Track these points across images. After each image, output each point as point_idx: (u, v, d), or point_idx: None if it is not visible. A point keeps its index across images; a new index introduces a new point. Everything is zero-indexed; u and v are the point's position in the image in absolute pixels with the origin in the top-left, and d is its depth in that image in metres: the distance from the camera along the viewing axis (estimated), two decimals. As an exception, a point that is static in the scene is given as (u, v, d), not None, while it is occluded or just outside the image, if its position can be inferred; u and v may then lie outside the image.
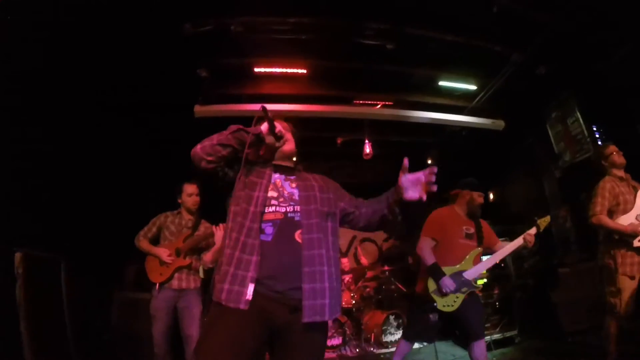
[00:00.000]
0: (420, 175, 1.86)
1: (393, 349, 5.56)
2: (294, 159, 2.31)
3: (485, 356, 3.48)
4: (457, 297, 3.46)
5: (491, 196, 8.07)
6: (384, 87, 5.91)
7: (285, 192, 2.00)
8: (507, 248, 3.64)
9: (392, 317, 5.83)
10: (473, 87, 5.98)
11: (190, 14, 4.28)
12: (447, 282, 3.43)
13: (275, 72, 5.30)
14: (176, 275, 3.89)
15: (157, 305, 3.82)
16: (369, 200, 2.15)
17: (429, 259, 3.57)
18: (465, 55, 5.23)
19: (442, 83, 5.86)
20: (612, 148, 3.93)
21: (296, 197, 1.99)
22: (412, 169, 1.92)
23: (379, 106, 6.03)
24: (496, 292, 5.93)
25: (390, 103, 6.06)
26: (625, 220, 3.61)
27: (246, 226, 1.83)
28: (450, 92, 6.10)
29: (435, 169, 1.83)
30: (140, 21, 4.04)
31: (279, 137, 2.07)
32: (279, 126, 2.07)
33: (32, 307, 3.45)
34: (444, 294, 3.45)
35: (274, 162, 2.17)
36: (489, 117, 6.43)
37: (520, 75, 5.43)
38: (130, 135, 5.22)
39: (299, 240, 1.84)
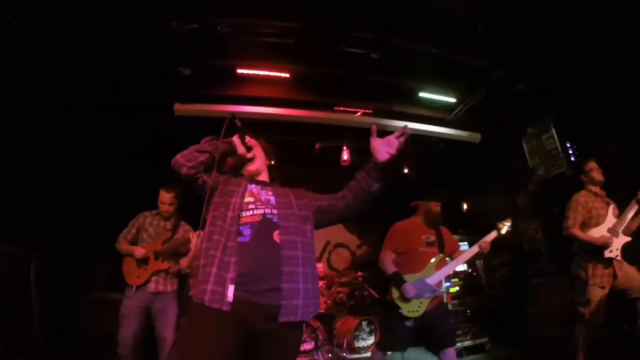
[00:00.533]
0: (391, 137, 2.02)
1: (365, 355, 5.61)
2: (272, 174, 2.36)
3: (455, 363, 3.57)
4: (422, 303, 3.57)
5: (465, 206, 8.20)
6: (365, 95, 5.96)
7: (262, 198, 2.03)
8: (464, 255, 3.80)
9: (364, 323, 5.85)
10: (452, 100, 6.09)
11: (177, 13, 4.25)
12: (408, 288, 3.54)
13: (258, 74, 5.29)
14: (153, 278, 3.85)
15: (130, 305, 3.76)
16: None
17: (390, 268, 3.75)
18: (447, 68, 5.33)
19: (422, 94, 5.94)
20: (593, 164, 4.05)
21: (273, 202, 2.02)
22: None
23: (358, 114, 6.08)
24: (468, 301, 6.05)
25: (370, 111, 6.13)
26: (596, 233, 3.77)
27: (225, 229, 1.85)
28: (429, 104, 6.19)
29: (406, 125, 2.03)
30: (126, 17, 4.01)
31: (249, 148, 2.18)
32: (247, 137, 2.18)
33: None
34: (407, 300, 3.55)
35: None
36: (466, 130, 6.57)
37: (499, 90, 5.57)
38: (107, 134, 5.12)
39: (277, 241, 1.86)
